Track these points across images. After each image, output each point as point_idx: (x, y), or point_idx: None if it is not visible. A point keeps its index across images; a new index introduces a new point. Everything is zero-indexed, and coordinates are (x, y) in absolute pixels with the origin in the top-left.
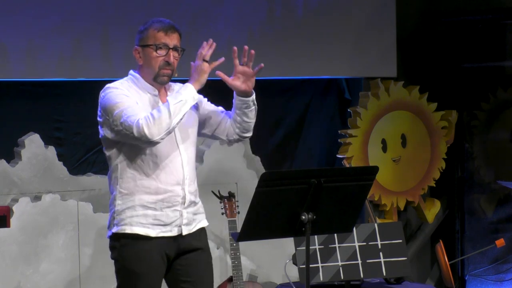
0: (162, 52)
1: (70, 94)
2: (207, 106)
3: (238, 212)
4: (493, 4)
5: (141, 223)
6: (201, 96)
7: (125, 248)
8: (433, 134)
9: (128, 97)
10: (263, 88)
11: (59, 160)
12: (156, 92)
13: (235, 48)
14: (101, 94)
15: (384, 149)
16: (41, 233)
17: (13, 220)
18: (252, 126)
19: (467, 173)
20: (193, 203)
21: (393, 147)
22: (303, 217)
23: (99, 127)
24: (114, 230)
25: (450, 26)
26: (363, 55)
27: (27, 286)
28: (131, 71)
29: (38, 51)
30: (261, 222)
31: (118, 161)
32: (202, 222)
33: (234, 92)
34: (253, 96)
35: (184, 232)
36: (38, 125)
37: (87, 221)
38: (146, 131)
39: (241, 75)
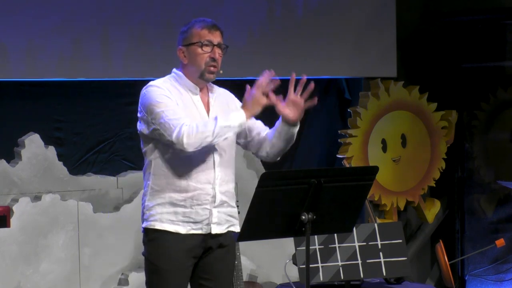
0: (207, 49)
1: (70, 94)
2: None
3: (238, 212)
4: (493, 4)
5: (171, 220)
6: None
7: (151, 243)
8: (433, 134)
9: (169, 98)
10: None
11: (59, 160)
12: (198, 91)
13: (293, 74)
14: (143, 91)
15: (384, 149)
16: (41, 233)
17: (13, 220)
18: (281, 154)
19: (467, 173)
20: (225, 203)
21: (393, 147)
22: (303, 217)
23: (138, 122)
24: (144, 225)
25: (450, 26)
26: (363, 55)
27: (27, 286)
28: (174, 70)
29: (38, 51)
30: (261, 222)
31: (153, 157)
32: (234, 226)
33: (280, 117)
34: (297, 128)
35: (214, 231)
36: (38, 125)
37: (87, 221)
38: (185, 140)
39: (292, 103)
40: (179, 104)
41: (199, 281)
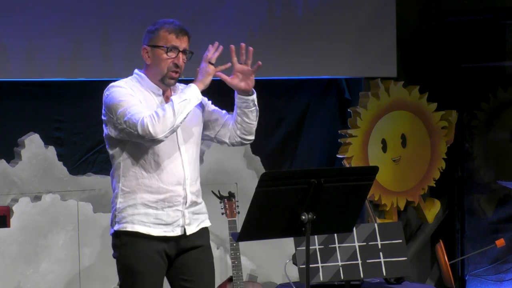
0: (172, 54)
1: (70, 94)
2: (211, 108)
3: (238, 212)
4: (493, 4)
5: (142, 222)
6: (205, 98)
7: (124, 247)
8: (433, 134)
9: (132, 96)
10: (263, 88)
11: (59, 160)
12: (161, 92)
13: (233, 46)
14: (105, 93)
15: (384, 149)
16: (41, 233)
17: (13, 220)
18: (254, 128)
19: (467, 173)
20: (194, 203)
21: (393, 147)
22: (303, 217)
23: (103, 125)
24: (116, 228)
25: (450, 26)
26: (363, 55)
27: (27, 286)
28: (136, 70)
29: (38, 51)
30: (261, 222)
31: (121, 159)
32: (205, 222)
33: (235, 92)
34: (254, 96)
35: (188, 232)
36: (38, 125)
37: (87, 221)
38: (151, 129)
39: (240, 73)
40: (142, 102)
41: (180, 282)
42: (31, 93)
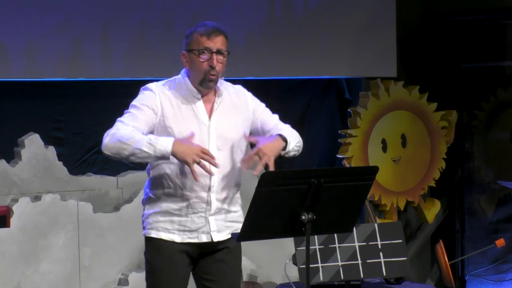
0: (205, 56)
1: (70, 94)
2: (262, 117)
3: None
4: (493, 4)
5: (167, 229)
6: (257, 104)
7: (149, 243)
8: (433, 134)
9: (145, 106)
10: (263, 88)
11: (59, 160)
12: (199, 96)
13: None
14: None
15: (384, 149)
16: (41, 233)
17: (13, 220)
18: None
19: (467, 173)
20: (223, 210)
21: (393, 147)
22: (303, 217)
23: None
24: (143, 233)
25: (450, 26)
26: (363, 55)
27: (27, 286)
28: (182, 71)
29: (38, 51)
30: (261, 222)
31: (151, 166)
32: (236, 231)
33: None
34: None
35: (216, 239)
36: (38, 125)
37: (87, 221)
38: (105, 140)
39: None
40: (167, 115)
41: (202, 282)
42: (31, 93)
